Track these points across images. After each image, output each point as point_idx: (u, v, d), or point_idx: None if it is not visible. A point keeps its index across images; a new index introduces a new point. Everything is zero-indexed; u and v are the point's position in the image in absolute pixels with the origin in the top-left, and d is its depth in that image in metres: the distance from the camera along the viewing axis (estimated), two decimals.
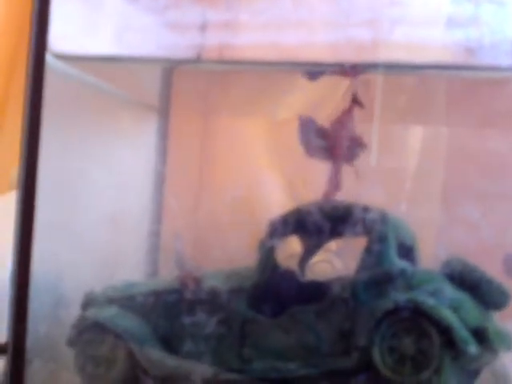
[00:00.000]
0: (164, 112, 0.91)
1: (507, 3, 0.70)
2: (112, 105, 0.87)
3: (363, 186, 0.71)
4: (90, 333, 0.73)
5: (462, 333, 0.63)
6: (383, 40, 0.72)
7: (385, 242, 0.68)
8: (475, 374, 0.68)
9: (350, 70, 0.68)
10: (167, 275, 0.79)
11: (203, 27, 0.77)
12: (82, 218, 0.82)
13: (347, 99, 0.71)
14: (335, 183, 0.70)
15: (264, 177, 0.88)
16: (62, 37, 0.74)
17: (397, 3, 0.71)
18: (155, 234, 0.89)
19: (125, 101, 0.89)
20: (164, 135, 0.91)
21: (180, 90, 0.89)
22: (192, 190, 0.89)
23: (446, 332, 0.63)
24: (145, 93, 0.91)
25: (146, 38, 0.80)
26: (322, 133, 0.71)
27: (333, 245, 0.79)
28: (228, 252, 0.77)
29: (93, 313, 0.75)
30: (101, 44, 0.81)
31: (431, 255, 0.73)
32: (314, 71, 0.71)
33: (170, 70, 0.88)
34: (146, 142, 0.91)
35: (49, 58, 0.71)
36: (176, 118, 0.91)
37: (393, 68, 0.72)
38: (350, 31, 0.71)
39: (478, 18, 0.70)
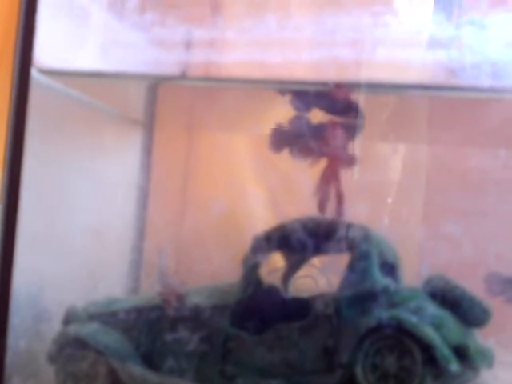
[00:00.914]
0: (148, 127, 0.91)
1: (487, 25, 0.71)
2: (97, 119, 0.87)
3: (346, 203, 0.72)
4: (70, 349, 0.72)
5: (443, 350, 0.63)
6: (366, 60, 0.73)
7: (368, 259, 0.68)
8: None
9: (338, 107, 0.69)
10: (149, 289, 0.78)
11: (189, 44, 0.78)
12: (65, 231, 0.82)
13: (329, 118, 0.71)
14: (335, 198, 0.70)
15: (248, 192, 0.88)
16: (48, 52, 0.74)
17: (379, 24, 0.72)
18: (138, 249, 0.89)
19: (110, 116, 0.89)
20: (148, 150, 0.91)
21: (165, 105, 0.89)
22: (176, 205, 0.89)
23: (428, 350, 0.63)
24: (130, 108, 0.91)
25: (132, 54, 0.81)
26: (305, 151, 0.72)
27: (316, 261, 0.79)
28: (212, 267, 0.77)
29: (74, 329, 0.74)
30: (86, 59, 0.81)
31: (413, 272, 0.73)
32: (303, 104, 0.72)
33: (155, 85, 0.88)
34: (131, 157, 0.91)
35: (34, 73, 0.71)
36: (160, 133, 0.91)
37: (375, 87, 0.73)
38: (333, 51, 0.72)
39: (459, 40, 0.71)
